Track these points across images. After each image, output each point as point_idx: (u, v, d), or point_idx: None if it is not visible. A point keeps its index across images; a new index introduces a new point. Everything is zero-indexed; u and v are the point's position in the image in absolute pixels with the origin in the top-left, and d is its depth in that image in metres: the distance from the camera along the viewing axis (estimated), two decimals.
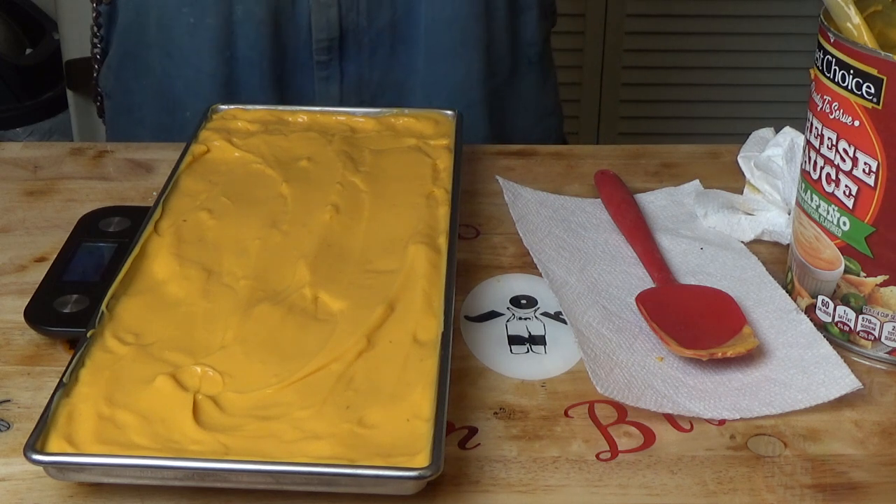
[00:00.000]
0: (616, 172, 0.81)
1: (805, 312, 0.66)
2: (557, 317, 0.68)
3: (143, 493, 0.54)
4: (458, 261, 0.68)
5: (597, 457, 0.57)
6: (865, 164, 0.60)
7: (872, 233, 0.61)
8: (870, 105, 0.59)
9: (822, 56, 0.61)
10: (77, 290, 0.66)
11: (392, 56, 0.94)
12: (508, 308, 0.69)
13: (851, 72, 0.59)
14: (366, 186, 0.74)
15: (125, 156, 0.87)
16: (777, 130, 0.80)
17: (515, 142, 0.93)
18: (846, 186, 0.61)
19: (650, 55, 2.12)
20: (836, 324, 0.65)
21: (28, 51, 2.06)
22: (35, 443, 0.52)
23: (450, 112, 0.84)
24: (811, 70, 0.63)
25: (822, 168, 0.63)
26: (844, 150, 0.61)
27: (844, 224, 0.62)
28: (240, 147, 0.79)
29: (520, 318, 0.68)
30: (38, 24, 2.06)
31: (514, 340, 0.66)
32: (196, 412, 0.54)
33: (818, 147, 0.63)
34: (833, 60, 0.60)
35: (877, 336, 0.63)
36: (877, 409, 0.61)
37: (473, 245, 0.75)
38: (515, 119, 1.00)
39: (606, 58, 2.11)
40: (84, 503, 0.54)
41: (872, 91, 0.58)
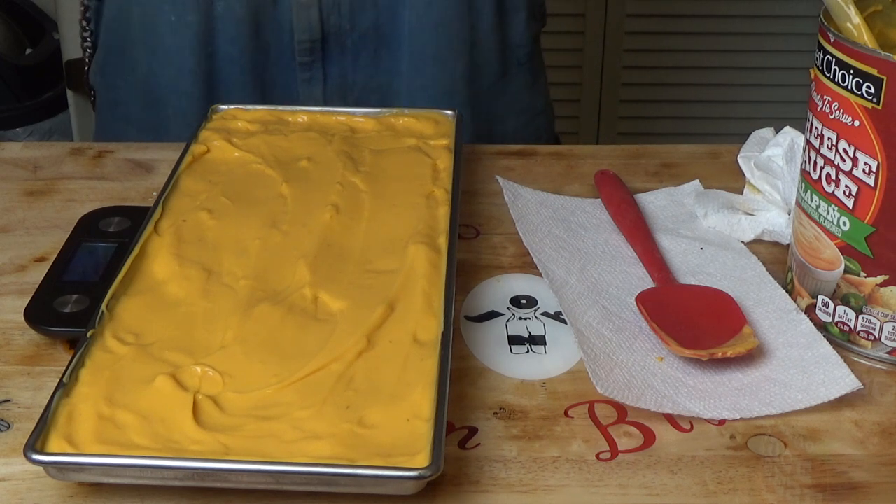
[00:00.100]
0: (616, 172, 0.81)
1: (805, 312, 0.66)
2: (557, 317, 0.68)
3: (143, 493, 0.54)
4: (458, 261, 0.68)
5: (597, 457, 0.57)
6: (865, 164, 0.60)
7: (872, 233, 0.61)
8: (870, 105, 0.59)
9: (822, 56, 0.61)
10: (77, 290, 0.66)
11: (376, 59, 0.94)
12: (508, 308, 0.69)
13: (851, 72, 0.59)
14: (366, 186, 0.74)
15: (125, 156, 0.87)
16: (777, 130, 0.80)
17: (506, 143, 0.93)
18: (846, 186, 0.61)
19: (650, 55, 2.12)
20: (836, 324, 0.65)
21: (28, 51, 2.06)
22: (35, 443, 0.52)
23: (450, 112, 0.84)
24: (811, 70, 0.63)
25: (822, 168, 0.63)
26: (844, 150, 0.61)
27: (844, 224, 0.62)
28: (240, 147, 0.79)
29: (520, 318, 0.68)
30: (38, 24, 2.06)
31: (514, 340, 0.66)
32: (196, 412, 0.54)
33: (818, 147, 0.63)
34: (833, 60, 0.60)
35: (877, 336, 0.63)
36: (877, 409, 0.61)
37: (473, 245, 0.75)
38: (505, 120, 1.00)
39: (606, 58, 2.11)
40: (84, 503, 0.54)
41: (872, 91, 0.58)
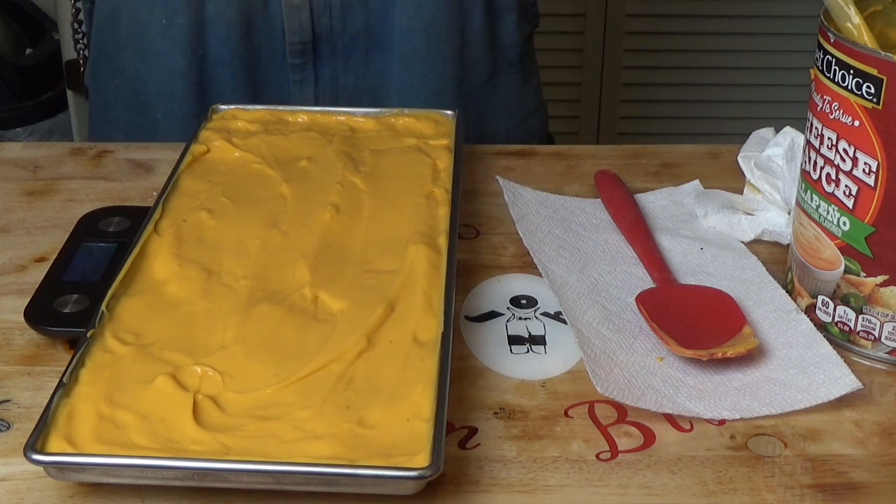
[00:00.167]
0: (616, 172, 0.81)
1: (805, 312, 0.66)
2: (557, 317, 0.68)
3: (143, 493, 0.54)
4: (458, 261, 0.68)
5: (597, 457, 0.57)
6: (865, 164, 0.60)
7: (872, 233, 0.61)
8: (870, 105, 0.59)
9: (822, 56, 0.61)
10: (77, 290, 0.66)
11: (367, 60, 0.94)
12: (508, 308, 0.69)
13: (851, 72, 0.59)
14: (366, 186, 0.74)
15: (125, 156, 0.87)
16: (777, 130, 0.80)
17: (497, 143, 0.93)
18: (846, 186, 0.61)
19: (650, 55, 2.12)
20: (836, 324, 0.65)
21: (28, 51, 2.06)
22: (35, 443, 0.52)
23: (450, 112, 0.84)
24: (811, 70, 0.63)
25: (822, 168, 0.63)
26: (844, 150, 0.61)
27: (844, 224, 0.62)
28: (240, 147, 0.79)
29: (520, 318, 0.68)
30: (38, 24, 2.06)
31: (514, 340, 0.66)
32: (196, 412, 0.54)
33: (818, 147, 0.63)
34: (833, 60, 0.60)
35: (877, 336, 0.63)
36: (877, 409, 0.61)
37: (473, 245, 0.75)
38: (496, 121, 1.00)
39: (606, 58, 2.11)
40: (84, 503, 0.54)
41: (872, 91, 0.58)
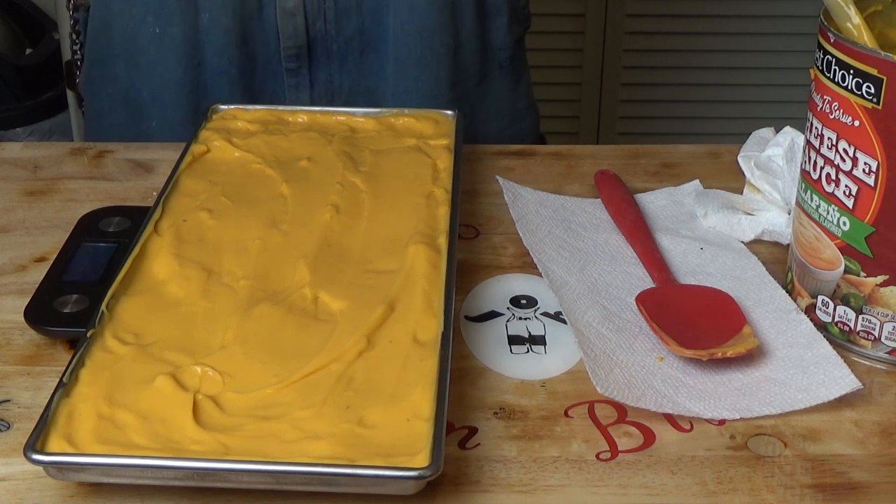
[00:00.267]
0: (616, 172, 0.81)
1: (805, 312, 0.66)
2: (557, 317, 0.68)
3: (143, 493, 0.54)
4: (458, 261, 0.68)
5: (597, 457, 0.57)
6: (865, 164, 0.60)
7: (872, 233, 0.61)
8: (870, 105, 0.59)
9: (822, 56, 0.61)
10: (77, 290, 0.66)
11: (361, 64, 0.94)
12: (508, 308, 0.69)
13: (851, 72, 0.59)
14: (366, 186, 0.74)
15: (125, 156, 0.87)
16: (777, 130, 0.80)
17: (488, 145, 0.93)
18: (846, 186, 0.61)
19: (650, 55, 2.12)
20: (836, 324, 0.65)
21: (28, 51, 2.05)
22: (35, 443, 0.52)
23: (450, 112, 0.84)
24: (811, 70, 0.63)
25: (822, 168, 0.63)
26: (844, 150, 0.61)
27: (844, 224, 0.62)
28: (240, 147, 0.79)
29: (520, 318, 0.68)
30: (38, 24, 2.06)
31: (514, 340, 0.66)
32: (196, 412, 0.54)
33: (818, 147, 0.63)
34: (833, 60, 0.60)
35: (877, 336, 0.63)
36: (877, 409, 0.61)
37: (473, 245, 0.75)
38: (488, 123, 1.00)
39: (606, 58, 2.11)
40: (84, 503, 0.54)
41: (872, 91, 0.58)
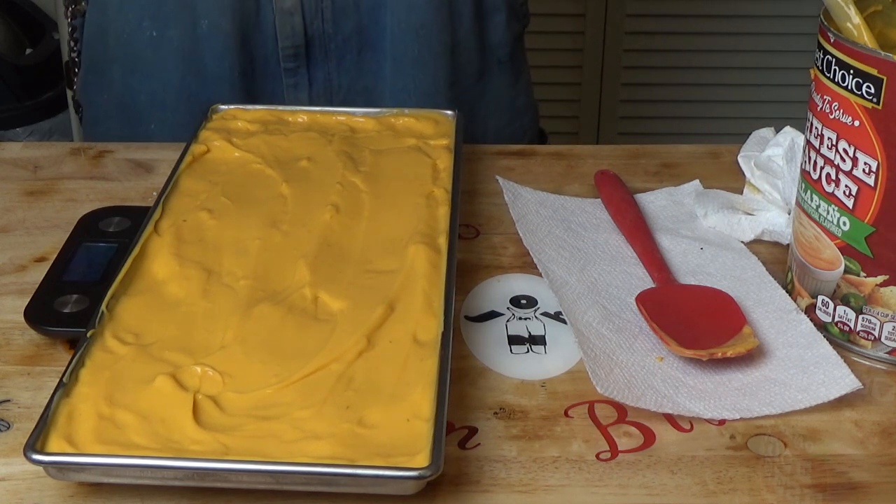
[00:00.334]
0: (616, 172, 0.81)
1: (805, 312, 0.66)
2: (557, 317, 0.68)
3: (143, 493, 0.54)
4: (458, 261, 0.68)
5: (597, 457, 0.57)
6: (865, 164, 0.60)
7: (872, 233, 0.61)
8: (870, 105, 0.59)
9: (822, 56, 0.61)
10: (77, 290, 0.66)
11: (359, 62, 0.94)
12: (508, 308, 0.69)
13: (851, 72, 0.59)
14: (366, 186, 0.74)
15: (125, 156, 0.87)
16: (777, 130, 0.80)
17: (488, 143, 0.93)
18: (846, 186, 0.61)
19: (650, 55, 2.12)
20: (836, 324, 0.65)
21: (28, 51, 2.05)
22: (35, 443, 0.52)
23: (450, 112, 0.84)
24: (811, 70, 0.63)
25: (822, 168, 0.63)
26: (844, 150, 0.61)
27: (844, 224, 0.62)
28: (240, 147, 0.79)
29: (520, 318, 0.68)
30: (38, 24, 2.06)
31: (514, 340, 0.66)
32: (196, 412, 0.54)
33: (818, 147, 0.63)
34: (833, 60, 0.60)
35: (877, 336, 0.63)
36: (877, 409, 0.61)
37: (473, 245, 0.75)
38: (487, 120, 1.00)
39: (606, 58, 2.11)
40: (84, 503, 0.54)
41: (872, 91, 0.58)
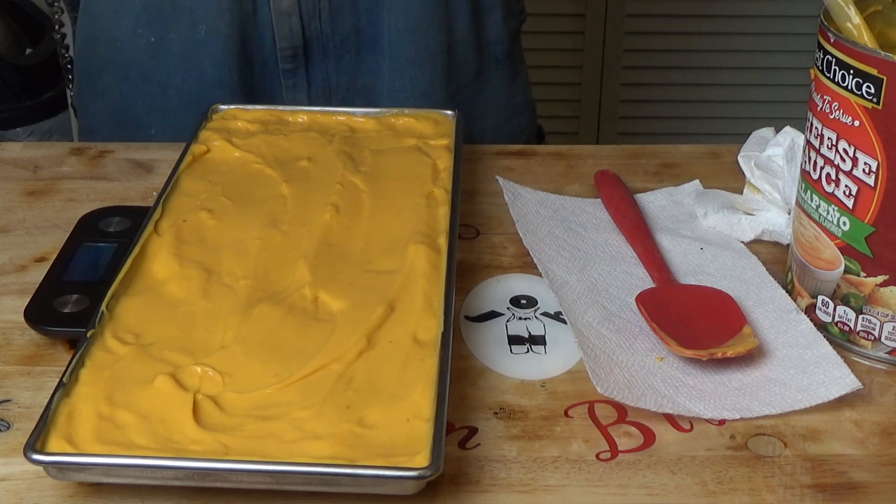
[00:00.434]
0: (616, 172, 0.81)
1: (805, 312, 0.66)
2: (557, 317, 0.68)
3: (143, 493, 0.54)
4: (458, 261, 0.68)
5: (597, 457, 0.57)
6: (865, 164, 0.60)
7: (872, 233, 0.61)
8: (870, 105, 0.59)
9: (822, 56, 0.61)
10: (77, 290, 0.66)
11: (358, 61, 0.94)
12: (508, 308, 0.69)
13: (851, 72, 0.59)
14: (366, 186, 0.74)
15: (125, 156, 0.87)
16: (777, 130, 0.80)
17: (486, 141, 0.93)
18: (846, 186, 0.61)
19: (650, 55, 2.12)
20: (836, 324, 0.65)
21: (28, 51, 2.05)
22: (35, 443, 0.52)
23: (450, 112, 0.84)
24: (811, 70, 0.63)
25: (822, 168, 0.63)
26: (844, 150, 0.61)
27: (844, 224, 0.62)
28: (240, 147, 0.79)
29: (520, 318, 0.68)
30: (38, 24, 2.06)
31: (514, 340, 0.66)
32: (196, 412, 0.54)
33: (818, 147, 0.63)
34: (833, 60, 0.60)
35: (877, 336, 0.63)
36: (877, 409, 0.61)
37: (473, 245, 0.75)
38: (484, 118, 1.00)
39: (606, 58, 2.11)
40: (84, 503, 0.54)
41: (872, 91, 0.58)
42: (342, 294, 0.63)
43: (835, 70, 0.60)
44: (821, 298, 0.65)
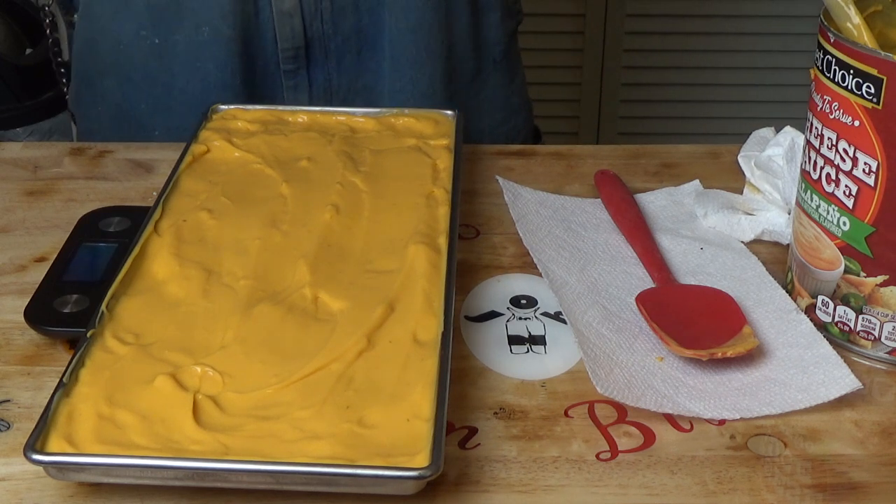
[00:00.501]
0: (616, 172, 0.81)
1: (805, 312, 0.66)
2: (557, 317, 0.68)
3: (143, 493, 0.54)
4: (458, 261, 0.68)
5: (597, 457, 0.57)
6: (865, 164, 0.60)
7: (872, 233, 0.61)
8: (870, 105, 0.59)
9: (822, 56, 0.61)
10: (77, 290, 0.66)
11: (359, 62, 0.94)
12: (508, 308, 0.69)
13: (851, 72, 0.59)
14: (366, 186, 0.74)
15: (125, 156, 0.87)
16: (777, 130, 0.80)
17: (484, 141, 0.93)
18: (846, 186, 0.61)
19: (650, 55, 2.12)
20: (836, 324, 0.65)
21: (28, 51, 2.05)
22: (35, 443, 0.52)
23: (450, 112, 0.84)
24: (811, 70, 0.63)
25: (822, 168, 0.63)
26: (844, 150, 0.61)
27: (844, 224, 0.62)
28: (240, 147, 0.79)
29: (520, 318, 0.68)
30: (38, 24, 2.06)
31: (514, 340, 0.66)
32: (196, 412, 0.54)
33: (818, 147, 0.63)
34: (833, 60, 0.60)
35: (877, 336, 0.63)
36: (877, 409, 0.61)
37: (473, 245, 0.75)
38: (482, 119, 1.00)
39: (606, 58, 2.11)
40: (84, 503, 0.54)
41: (872, 91, 0.58)
42: (342, 294, 0.63)
43: (835, 70, 0.60)
44: (821, 298, 0.65)
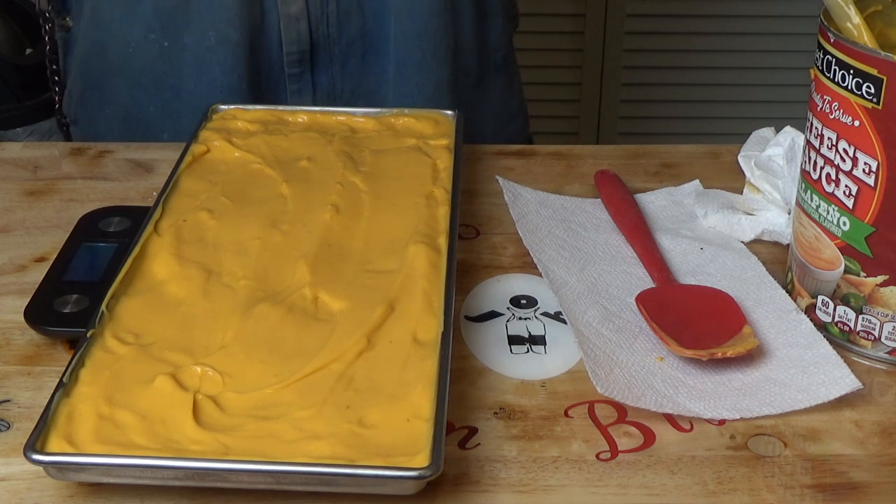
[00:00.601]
0: (616, 172, 0.81)
1: (805, 312, 0.66)
2: (557, 317, 0.68)
3: (143, 493, 0.54)
4: (458, 261, 0.68)
5: (597, 457, 0.57)
6: (865, 164, 0.60)
7: (872, 233, 0.61)
8: (870, 105, 0.59)
9: (822, 56, 0.61)
10: (77, 290, 0.66)
11: (363, 66, 0.94)
12: (508, 308, 0.69)
13: (851, 72, 0.59)
14: (366, 186, 0.74)
15: (125, 156, 0.87)
16: (777, 130, 0.80)
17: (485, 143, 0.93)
18: (846, 186, 0.61)
19: (650, 55, 2.12)
20: (836, 324, 0.65)
21: (28, 51, 2.05)
22: (35, 443, 0.52)
23: (450, 112, 0.84)
24: (811, 70, 0.63)
25: (822, 168, 0.63)
26: (844, 150, 0.61)
27: (844, 224, 0.62)
28: (240, 147, 0.79)
29: (520, 318, 0.68)
30: (38, 25, 2.06)
31: (514, 340, 0.66)
32: (196, 412, 0.54)
33: (818, 147, 0.63)
34: (833, 60, 0.60)
35: (877, 336, 0.63)
36: (877, 409, 0.61)
37: (473, 245, 0.75)
38: (485, 124, 1.00)
39: (606, 58, 2.11)
40: (84, 503, 0.54)
41: (872, 91, 0.58)
42: (342, 294, 0.63)
43: (835, 70, 0.60)
44: (821, 298, 0.65)
